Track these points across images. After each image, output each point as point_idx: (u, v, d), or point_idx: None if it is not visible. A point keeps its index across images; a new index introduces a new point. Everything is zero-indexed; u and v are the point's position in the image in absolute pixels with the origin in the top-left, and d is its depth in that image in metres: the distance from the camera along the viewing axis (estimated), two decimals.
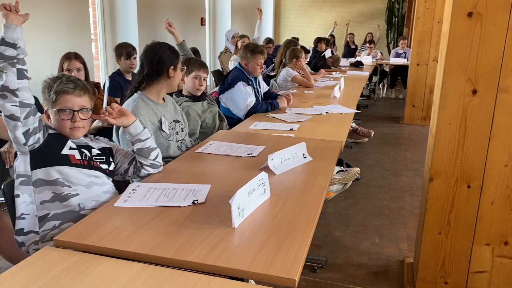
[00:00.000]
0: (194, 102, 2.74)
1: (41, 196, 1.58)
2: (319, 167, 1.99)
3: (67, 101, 1.64)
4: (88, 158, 1.68)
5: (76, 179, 1.61)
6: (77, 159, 1.64)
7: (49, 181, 1.57)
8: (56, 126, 1.66)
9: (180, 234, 1.35)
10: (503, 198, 2.00)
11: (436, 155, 2.05)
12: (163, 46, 2.23)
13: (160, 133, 2.16)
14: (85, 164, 1.66)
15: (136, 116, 2.02)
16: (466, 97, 1.95)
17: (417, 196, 3.66)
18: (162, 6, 5.71)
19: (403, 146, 5.23)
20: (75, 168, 1.62)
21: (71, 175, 1.60)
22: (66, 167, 1.60)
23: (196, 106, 2.73)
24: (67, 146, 1.64)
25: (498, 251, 2.07)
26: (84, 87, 1.69)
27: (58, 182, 1.58)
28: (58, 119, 1.64)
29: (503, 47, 1.85)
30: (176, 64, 2.22)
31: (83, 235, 1.34)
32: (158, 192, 1.65)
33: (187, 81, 2.74)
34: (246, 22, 9.13)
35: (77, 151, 1.66)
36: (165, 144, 2.17)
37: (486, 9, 1.84)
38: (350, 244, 2.84)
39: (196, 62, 2.75)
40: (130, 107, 2.10)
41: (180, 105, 2.66)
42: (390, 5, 10.79)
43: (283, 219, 1.46)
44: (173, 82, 2.24)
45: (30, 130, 1.53)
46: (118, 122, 1.78)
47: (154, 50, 2.20)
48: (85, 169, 1.65)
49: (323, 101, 3.70)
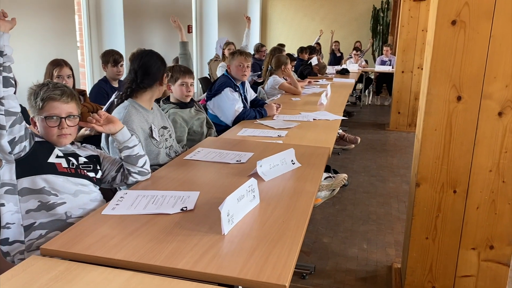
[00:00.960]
0: (181, 109, 2.73)
1: (27, 205, 1.55)
2: (308, 173, 2.00)
3: (54, 108, 1.62)
4: (75, 166, 1.66)
5: (63, 188, 1.59)
6: (64, 167, 1.62)
7: (35, 190, 1.55)
8: (42, 133, 1.64)
9: (169, 241, 1.34)
10: (488, 203, 2.03)
11: (422, 160, 2.08)
12: (155, 54, 2.24)
13: (150, 141, 2.15)
14: (72, 172, 1.64)
15: (128, 123, 2.01)
16: (451, 104, 1.98)
17: (403, 201, 3.69)
18: (148, 13, 5.71)
19: (389, 152, 5.28)
20: (61, 177, 1.60)
21: (58, 184, 1.58)
22: (53, 176, 1.58)
23: (183, 113, 2.72)
24: (53, 154, 1.62)
25: (484, 255, 2.09)
26: (71, 94, 1.68)
27: (44, 191, 1.56)
28: (45, 126, 1.62)
29: (486, 54, 1.89)
30: (165, 71, 2.25)
31: (70, 244, 1.32)
32: (146, 200, 1.64)
33: (174, 89, 2.73)
34: (233, 30, 9.17)
35: (64, 159, 1.64)
36: (155, 151, 2.16)
37: (469, 17, 1.88)
38: (338, 250, 2.85)
39: (179, 69, 2.74)
40: (122, 115, 2.08)
41: (166, 112, 2.65)
42: (375, 13, 10.96)
43: (272, 225, 1.46)
44: (164, 89, 2.27)
45: (16, 138, 1.50)
46: (105, 129, 1.77)
47: (147, 58, 2.19)
48: (72, 178, 1.63)
49: (310, 108, 3.73)
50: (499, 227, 2.04)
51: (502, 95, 1.91)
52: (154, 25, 5.88)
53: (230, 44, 5.81)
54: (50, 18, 4.04)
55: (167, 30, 6.24)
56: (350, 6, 11.12)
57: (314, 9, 11.37)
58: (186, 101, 2.76)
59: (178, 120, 2.68)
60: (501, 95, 1.91)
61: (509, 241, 2.05)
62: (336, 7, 11.19)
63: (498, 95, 1.91)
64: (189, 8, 7.05)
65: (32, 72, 3.66)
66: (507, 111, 1.92)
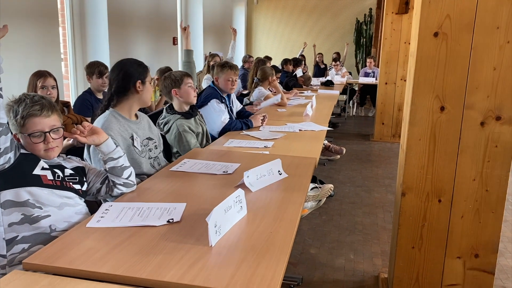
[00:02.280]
0: (186, 120, 2.74)
1: (9, 218, 1.51)
2: (295, 184, 2.00)
3: (36, 124, 1.58)
4: (60, 178, 1.63)
5: (48, 201, 1.56)
6: (49, 180, 1.59)
7: (18, 203, 1.51)
8: (29, 149, 1.61)
9: (155, 253, 1.32)
10: (472, 212, 2.06)
11: (407, 170, 2.10)
12: (130, 61, 2.22)
13: (133, 149, 2.14)
14: (57, 185, 1.61)
15: (107, 131, 2.00)
16: (435, 114, 2.01)
17: (389, 211, 3.71)
18: (134, 25, 5.70)
19: (374, 163, 5.33)
20: (46, 189, 1.57)
21: (43, 197, 1.55)
22: (37, 188, 1.55)
23: (189, 123, 2.74)
24: (39, 166, 1.59)
25: (469, 264, 2.11)
26: (51, 106, 1.64)
27: (28, 204, 1.52)
28: (29, 143, 1.59)
29: (468, 65, 1.93)
30: (144, 78, 2.19)
31: (54, 257, 1.29)
32: (132, 212, 1.62)
33: (182, 93, 2.72)
34: (218, 41, 9.21)
35: (49, 172, 1.61)
36: (138, 160, 2.15)
37: (450, 29, 1.92)
38: (325, 261, 2.84)
39: (181, 73, 2.77)
40: (100, 123, 2.08)
41: (173, 123, 2.64)
42: (358, 26, 11.14)
43: (260, 236, 1.45)
44: (143, 96, 2.21)
45: (1, 150, 1.46)
46: (89, 140, 1.75)
47: (120, 66, 2.20)
48: (57, 190, 1.60)
49: (296, 119, 3.75)
50: (484, 236, 2.07)
51: (483, 105, 1.95)
52: (139, 36, 5.87)
53: (216, 56, 5.83)
54: (34, 30, 4.00)
55: (152, 42, 6.24)
56: (334, 19, 11.29)
57: (298, 22, 11.51)
58: (194, 103, 2.78)
59: (188, 130, 2.70)
60: (483, 105, 1.95)
61: (494, 250, 2.08)
62: (320, 20, 11.34)
63: (480, 105, 1.95)
64: (174, 19, 7.07)
65: (16, 84, 3.60)
66: (489, 121, 1.96)
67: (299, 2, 11.39)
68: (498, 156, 1.98)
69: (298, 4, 11.41)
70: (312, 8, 11.31)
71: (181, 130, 2.66)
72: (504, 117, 1.94)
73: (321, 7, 11.24)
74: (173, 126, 2.68)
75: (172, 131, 2.68)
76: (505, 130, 1.96)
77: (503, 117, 1.94)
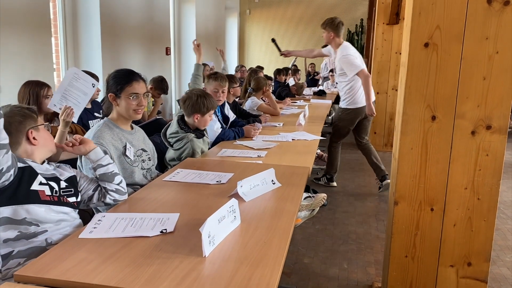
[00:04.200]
0: (197, 139, 2.75)
1: (5, 235, 1.48)
2: (288, 193, 2.00)
3: None
4: (57, 194, 1.62)
5: (45, 218, 1.54)
6: (47, 195, 1.57)
7: (15, 220, 1.49)
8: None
9: (149, 264, 1.31)
10: (464, 220, 2.07)
11: (400, 179, 2.11)
12: (112, 73, 2.23)
13: (124, 158, 2.13)
14: (55, 201, 1.59)
15: (98, 140, 2.03)
16: (426, 123, 2.03)
17: (382, 220, 3.72)
18: (127, 35, 5.70)
19: (367, 172, 5.34)
20: (44, 206, 1.55)
21: (40, 215, 1.53)
22: (35, 206, 1.52)
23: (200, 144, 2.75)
24: (37, 181, 1.57)
25: (462, 272, 2.12)
26: None
27: (25, 222, 1.50)
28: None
29: (458, 75, 1.96)
30: (119, 92, 2.14)
31: (46, 269, 1.28)
32: (125, 222, 1.61)
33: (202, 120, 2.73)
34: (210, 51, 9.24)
35: (47, 187, 1.59)
36: (129, 169, 2.15)
37: (441, 40, 1.95)
38: (319, 271, 2.84)
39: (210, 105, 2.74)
40: (93, 131, 2.11)
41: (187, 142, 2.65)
42: (350, 36, 11.24)
43: (254, 246, 1.45)
44: (120, 110, 2.18)
45: (4, 169, 1.43)
46: (75, 150, 1.79)
47: (108, 77, 2.25)
48: (55, 206, 1.59)
49: (289, 129, 3.76)
50: (476, 244, 2.08)
51: (474, 115, 1.98)
52: (132, 46, 5.87)
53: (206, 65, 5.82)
54: (26, 40, 3.99)
55: (145, 52, 6.25)
56: None
57: (290, 32, 11.59)
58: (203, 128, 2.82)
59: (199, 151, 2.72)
60: (474, 114, 1.98)
61: (486, 258, 2.09)
62: (312, 30, 11.43)
63: (471, 115, 1.98)
64: (167, 29, 7.08)
65: (7, 94, 3.59)
66: (479, 130, 1.98)
67: (291, 13, 11.49)
68: (489, 165, 2.00)
69: (290, 15, 11.50)
70: (305, 19, 11.41)
71: (194, 152, 2.67)
72: (494, 126, 1.97)
73: (314, 18, 11.35)
74: (187, 145, 2.66)
75: (185, 150, 2.66)
76: (495, 139, 1.98)
77: (493, 126, 1.97)
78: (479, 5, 1.89)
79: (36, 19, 4.03)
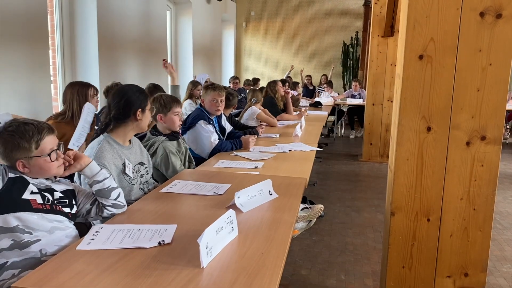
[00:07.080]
0: (170, 141, 2.72)
1: None
2: (285, 204, 2.00)
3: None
4: (50, 202, 1.62)
5: (38, 226, 1.54)
6: (39, 204, 1.57)
7: (7, 229, 1.49)
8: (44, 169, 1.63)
9: (146, 276, 1.31)
10: (461, 230, 2.08)
11: (396, 190, 2.12)
12: (131, 88, 2.19)
13: (123, 177, 2.11)
14: (47, 209, 1.59)
15: (100, 159, 1.98)
16: (421, 134, 2.05)
17: (379, 231, 3.72)
18: (124, 47, 5.73)
19: (363, 183, 5.36)
20: (36, 214, 1.55)
21: (32, 222, 1.53)
22: (27, 213, 1.52)
23: (172, 146, 2.71)
24: (28, 190, 1.57)
25: (459, 283, 2.12)
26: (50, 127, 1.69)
27: (17, 229, 1.50)
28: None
29: (452, 86, 1.99)
30: (145, 106, 2.18)
31: (43, 281, 1.27)
32: (122, 234, 1.61)
33: (167, 120, 2.71)
34: (207, 64, 9.29)
35: (39, 196, 1.59)
36: (127, 187, 2.12)
37: (435, 52, 1.98)
38: (316, 282, 2.83)
39: (171, 99, 2.73)
40: (94, 149, 2.05)
41: (158, 145, 2.63)
42: (345, 49, 11.33)
43: (252, 257, 1.45)
44: (141, 124, 2.19)
45: None
46: (71, 170, 1.74)
47: (122, 92, 2.17)
48: (48, 214, 1.58)
49: (285, 140, 3.78)
50: (473, 254, 2.09)
51: (469, 126, 2.00)
52: (129, 59, 5.90)
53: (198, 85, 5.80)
54: (23, 51, 4.01)
55: (142, 64, 6.28)
56: (321, 41, 11.48)
57: (286, 44, 11.68)
58: (177, 130, 2.77)
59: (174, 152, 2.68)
60: (468, 125, 2.00)
61: (483, 268, 2.09)
62: (308, 43, 11.53)
63: (465, 126, 2.00)
64: (164, 42, 7.13)
65: (3, 106, 3.59)
66: (474, 141, 2.00)
67: (287, 26, 11.58)
68: (484, 175, 2.02)
69: (286, 27, 11.60)
70: (301, 31, 11.51)
71: (168, 152, 2.63)
72: (488, 137, 1.99)
73: (310, 30, 11.45)
74: (159, 148, 2.63)
75: (158, 153, 2.63)
76: (490, 150, 2.00)
77: (487, 137, 1.99)
78: (472, 18, 1.92)
79: (34, 32, 4.05)
